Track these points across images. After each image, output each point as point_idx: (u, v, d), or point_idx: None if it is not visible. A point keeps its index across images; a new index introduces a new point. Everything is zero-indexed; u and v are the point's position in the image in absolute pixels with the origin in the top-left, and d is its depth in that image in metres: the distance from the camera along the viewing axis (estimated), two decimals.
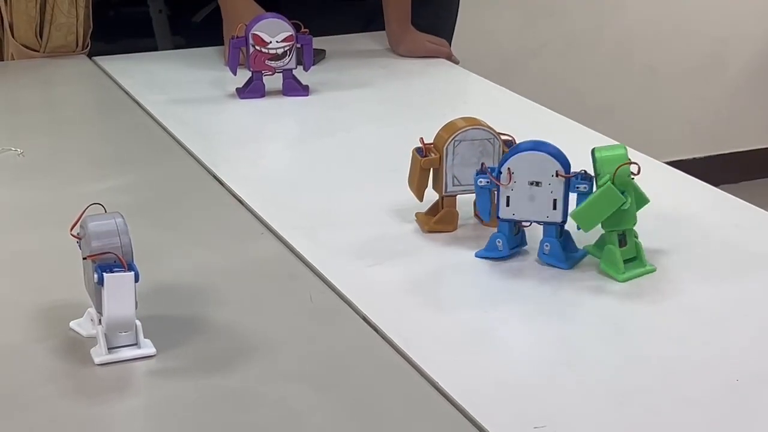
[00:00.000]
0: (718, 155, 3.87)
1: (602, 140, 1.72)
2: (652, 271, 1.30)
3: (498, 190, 1.29)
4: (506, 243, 1.31)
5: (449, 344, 1.16)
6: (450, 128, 1.39)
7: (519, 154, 1.28)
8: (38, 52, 2.16)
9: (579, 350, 1.17)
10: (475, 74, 2.17)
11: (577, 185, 1.28)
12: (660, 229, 1.40)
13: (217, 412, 1.03)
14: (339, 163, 1.69)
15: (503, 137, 1.39)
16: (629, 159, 1.27)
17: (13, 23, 2.14)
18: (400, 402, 1.06)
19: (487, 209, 1.32)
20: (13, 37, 2.15)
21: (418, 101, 2.02)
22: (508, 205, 1.29)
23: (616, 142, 1.69)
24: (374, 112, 1.94)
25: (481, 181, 1.30)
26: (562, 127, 1.85)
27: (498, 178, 1.28)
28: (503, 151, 1.37)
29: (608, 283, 1.28)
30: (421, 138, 1.40)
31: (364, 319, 1.20)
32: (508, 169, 1.28)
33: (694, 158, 3.79)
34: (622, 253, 1.28)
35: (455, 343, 1.16)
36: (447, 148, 1.37)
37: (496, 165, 1.31)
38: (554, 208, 1.28)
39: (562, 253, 1.30)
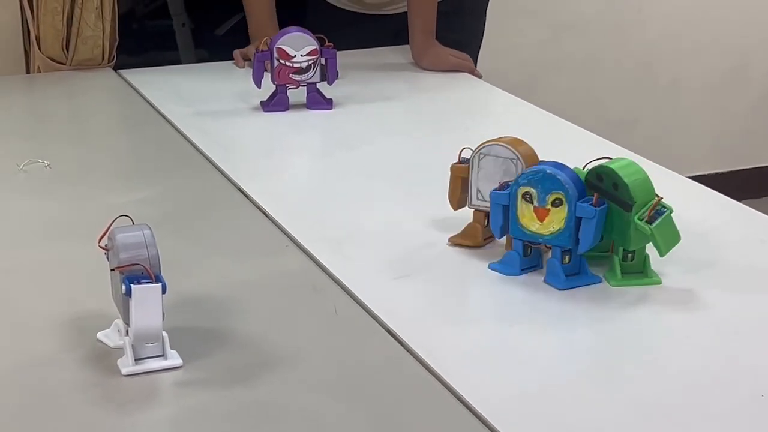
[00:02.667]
0: (740, 170, 3.85)
1: (624, 154, 1.72)
2: (658, 282, 1.30)
3: (511, 209, 1.29)
4: (518, 261, 1.30)
5: (473, 357, 1.16)
6: (485, 142, 1.38)
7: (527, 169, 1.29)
8: (64, 64, 2.18)
9: (603, 363, 1.17)
10: (498, 88, 2.17)
11: (580, 211, 1.26)
12: (683, 243, 1.39)
13: (243, 423, 1.04)
14: (363, 176, 1.69)
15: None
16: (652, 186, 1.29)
17: (40, 36, 2.16)
18: (424, 414, 1.07)
19: (499, 225, 1.31)
20: (39, 50, 2.16)
21: (442, 115, 2.03)
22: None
23: (638, 156, 1.70)
24: (397, 125, 1.95)
25: (496, 198, 1.30)
26: (585, 140, 1.85)
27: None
28: None
29: (632, 298, 1.28)
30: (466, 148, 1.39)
31: (389, 331, 1.20)
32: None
33: (717, 173, 3.78)
34: (629, 266, 1.30)
35: (479, 356, 1.17)
36: (473, 160, 1.38)
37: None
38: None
39: (561, 272, 1.28)
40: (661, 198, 1.28)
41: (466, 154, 1.39)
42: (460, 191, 1.40)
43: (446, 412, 1.06)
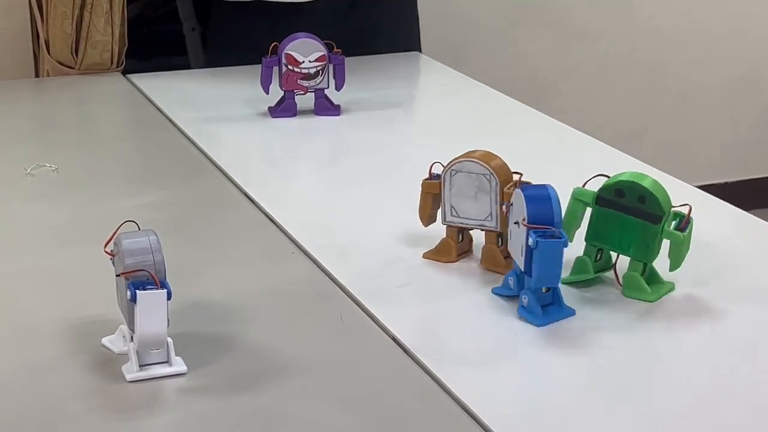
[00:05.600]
0: (750, 180, 3.84)
1: (634, 163, 1.71)
2: (673, 287, 1.30)
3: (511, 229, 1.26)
4: (517, 282, 1.26)
5: (479, 366, 1.16)
6: (455, 159, 1.35)
7: (516, 191, 1.23)
8: (73, 69, 2.18)
9: (610, 375, 1.16)
10: (506, 96, 2.17)
11: (530, 237, 1.18)
12: (692, 254, 1.39)
13: (247, 430, 1.04)
14: (370, 182, 1.69)
15: (515, 175, 1.34)
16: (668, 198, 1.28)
17: (49, 40, 2.16)
18: (429, 423, 1.06)
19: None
20: (48, 53, 2.17)
21: (450, 122, 2.03)
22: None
23: (647, 165, 1.70)
24: (406, 132, 1.95)
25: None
26: (594, 149, 1.84)
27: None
28: (505, 191, 1.32)
29: (639, 308, 1.27)
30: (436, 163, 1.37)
31: (394, 339, 1.20)
32: (511, 204, 1.25)
33: (726, 182, 3.77)
34: (596, 265, 1.29)
35: (485, 365, 1.16)
36: (444, 176, 1.35)
37: (493, 202, 1.30)
38: (522, 254, 1.21)
39: (538, 307, 1.22)
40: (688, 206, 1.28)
41: (437, 170, 1.37)
42: (431, 208, 1.38)
43: (452, 421, 1.06)
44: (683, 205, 1.29)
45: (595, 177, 1.30)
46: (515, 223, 1.23)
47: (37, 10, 2.16)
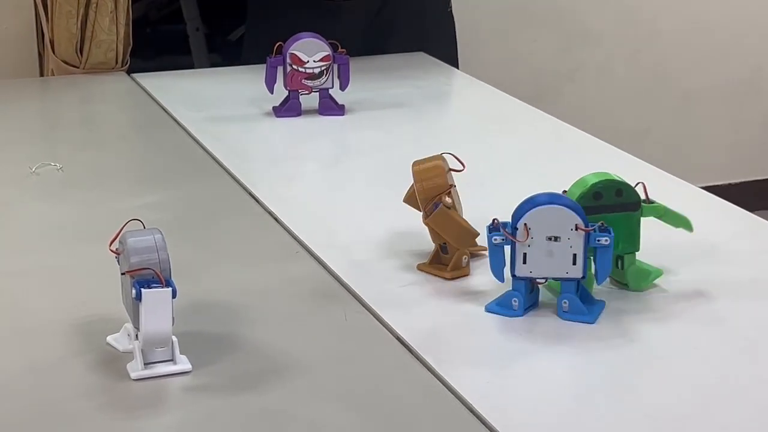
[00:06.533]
0: (754, 181, 3.84)
1: (637, 164, 1.72)
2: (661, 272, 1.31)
3: (513, 247, 1.21)
4: (522, 302, 1.23)
5: (484, 366, 1.16)
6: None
7: (536, 208, 1.20)
8: (78, 68, 2.18)
9: (613, 374, 1.16)
10: (510, 96, 2.17)
11: (597, 238, 1.21)
12: (696, 255, 1.39)
13: (251, 429, 1.04)
14: (374, 182, 1.69)
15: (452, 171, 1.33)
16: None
17: (54, 39, 2.16)
18: (433, 423, 1.06)
19: (500, 268, 1.23)
20: (53, 53, 2.17)
21: (454, 123, 2.03)
22: (524, 262, 1.21)
23: (651, 166, 1.70)
24: (409, 132, 1.95)
25: (495, 239, 1.21)
26: (597, 150, 1.84)
27: (513, 234, 1.21)
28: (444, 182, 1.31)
29: (643, 309, 1.27)
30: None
31: (398, 339, 1.20)
32: (525, 224, 1.20)
33: (730, 184, 3.77)
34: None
35: (490, 365, 1.16)
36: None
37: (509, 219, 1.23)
38: (574, 263, 1.21)
39: (584, 306, 1.23)
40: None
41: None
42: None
43: (456, 421, 1.06)
44: (637, 184, 1.29)
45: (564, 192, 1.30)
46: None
47: (42, 10, 2.17)
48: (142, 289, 1.07)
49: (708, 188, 1.74)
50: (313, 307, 1.28)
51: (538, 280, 1.24)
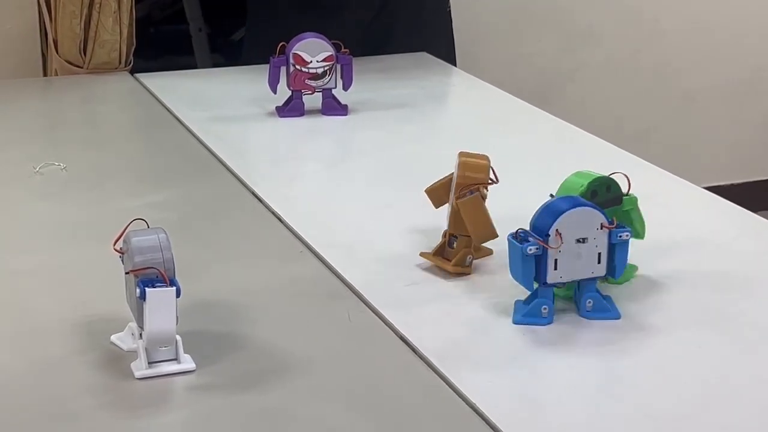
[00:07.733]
0: (756, 181, 3.84)
1: (639, 164, 1.72)
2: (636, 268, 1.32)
3: (545, 255, 1.19)
4: (551, 309, 1.23)
5: (487, 365, 1.16)
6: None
7: (566, 213, 1.19)
8: (82, 68, 2.19)
9: (614, 375, 1.17)
10: (513, 96, 2.17)
11: (618, 234, 1.21)
12: (698, 255, 1.40)
13: (255, 428, 1.04)
14: (377, 182, 1.70)
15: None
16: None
17: (58, 39, 2.17)
18: (436, 422, 1.07)
19: (531, 277, 1.20)
20: (57, 53, 2.17)
21: (456, 122, 2.03)
22: (556, 268, 1.20)
23: (653, 166, 1.70)
24: (412, 132, 1.95)
25: (531, 249, 1.18)
26: (599, 150, 1.85)
27: (546, 241, 1.19)
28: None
29: (644, 309, 1.27)
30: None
31: (402, 338, 1.20)
32: (557, 230, 1.18)
33: (732, 184, 3.77)
34: None
35: (493, 365, 1.17)
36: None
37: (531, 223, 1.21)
38: (599, 262, 1.21)
39: (607, 303, 1.24)
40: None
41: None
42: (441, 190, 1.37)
43: (459, 420, 1.06)
44: (614, 172, 1.30)
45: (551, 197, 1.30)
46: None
47: (46, 10, 2.17)
48: (147, 289, 1.07)
49: (710, 189, 1.74)
50: (316, 306, 1.28)
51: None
